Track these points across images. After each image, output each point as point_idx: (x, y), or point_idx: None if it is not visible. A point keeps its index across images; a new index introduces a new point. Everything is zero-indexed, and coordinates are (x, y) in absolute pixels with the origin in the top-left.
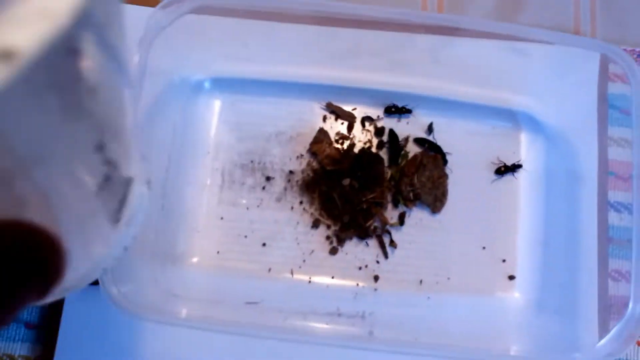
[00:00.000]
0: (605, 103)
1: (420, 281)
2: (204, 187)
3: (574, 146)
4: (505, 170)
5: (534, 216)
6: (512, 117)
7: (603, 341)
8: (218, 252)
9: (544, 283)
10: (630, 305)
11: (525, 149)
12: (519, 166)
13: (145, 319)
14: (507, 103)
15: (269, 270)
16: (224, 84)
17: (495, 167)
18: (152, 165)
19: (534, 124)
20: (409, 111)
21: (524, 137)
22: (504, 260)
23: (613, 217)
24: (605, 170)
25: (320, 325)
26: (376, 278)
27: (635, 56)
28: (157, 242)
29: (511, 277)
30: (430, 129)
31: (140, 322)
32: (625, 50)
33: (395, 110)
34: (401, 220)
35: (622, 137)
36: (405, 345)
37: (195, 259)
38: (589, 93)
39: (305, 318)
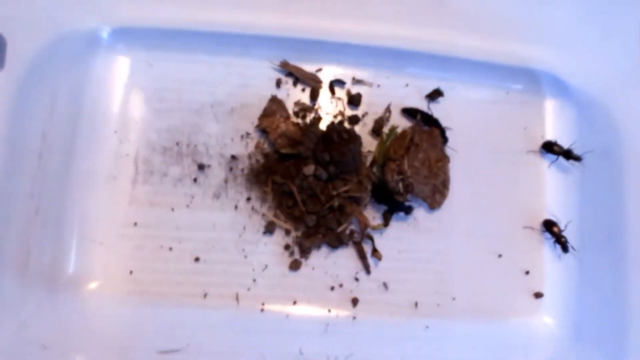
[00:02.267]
0: None
1: (416, 304)
2: (108, 180)
3: (615, 118)
4: (558, 152)
5: (565, 212)
6: (532, 79)
7: None
8: (131, 273)
9: (580, 303)
10: None
11: (551, 122)
12: (577, 158)
13: None
14: (525, 60)
15: (205, 295)
16: (134, 36)
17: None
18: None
19: (560, 89)
20: (578, 159)
21: (548, 106)
22: (527, 272)
23: None
24: None
25: None
26: (355, 301)
27: None
28: (31, 259)
29: (538, 295)
30: (434, 96)
31: None
32: None
33: (559, 152)
34: (387, 220)
35: None
36: None
37: (94, 284)
38: (634, 50)
39: None
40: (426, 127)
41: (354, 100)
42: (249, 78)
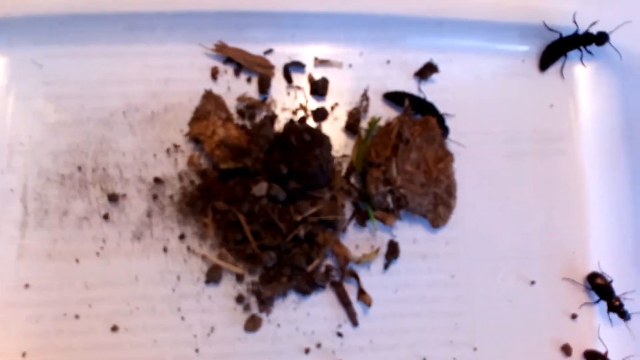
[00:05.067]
0: None
1: None
2: None
3: None
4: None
5: (617, 216)
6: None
7: None
8: (24, 355)
9: None
10: None
11: (586, 96)
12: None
13: None
14: (543, 14)
15: None
16: (14, 26)
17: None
18: None
19: (595, 49)
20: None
21: (581, 74)
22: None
23: None
24: None
25: None
26: None
27: None
28: None
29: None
30: (426, 73)
31: None
32: None
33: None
34: (375, 249)
35: None
36: None
37: None
38: None
39: None
40: (418, 115)
41: (318, 89)
42: (173, 70)
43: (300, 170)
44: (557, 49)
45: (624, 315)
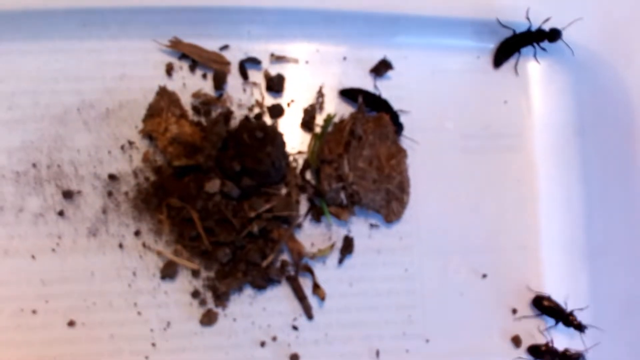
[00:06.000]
0: None
1: (377, 352)
2: None
3: (624, 81)
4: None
5: (568, 211)
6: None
7: None
8: None
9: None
10: None
11: (539, 92)
12: (579, 326)
13: None
14: (496, 10)
15: None
16: None
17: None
18: None
19: (548, 46)
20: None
21: (534, 71)
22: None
23: None
24: None
25: None
26: (294, 358)
27: None
28: None
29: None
30: (381, 70)
31: None
32: None
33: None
34: (330, 244)
35: None
36: None
37: None
38: None
39: None
40: (373, 112)
41: (274, 85)
42: (128, 66)
43: (252, 168)
44: (511, 46)
45: (580, 327)
